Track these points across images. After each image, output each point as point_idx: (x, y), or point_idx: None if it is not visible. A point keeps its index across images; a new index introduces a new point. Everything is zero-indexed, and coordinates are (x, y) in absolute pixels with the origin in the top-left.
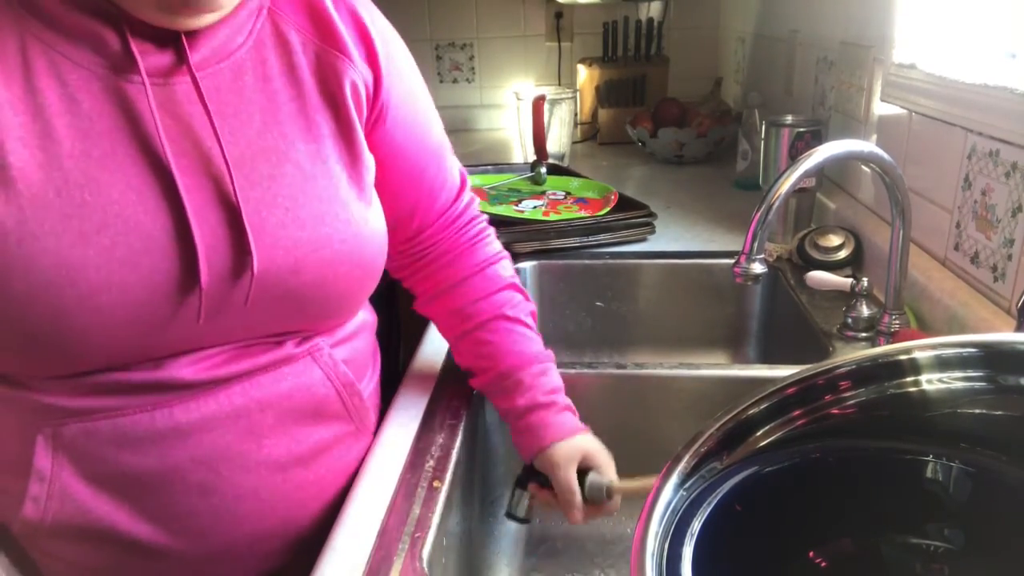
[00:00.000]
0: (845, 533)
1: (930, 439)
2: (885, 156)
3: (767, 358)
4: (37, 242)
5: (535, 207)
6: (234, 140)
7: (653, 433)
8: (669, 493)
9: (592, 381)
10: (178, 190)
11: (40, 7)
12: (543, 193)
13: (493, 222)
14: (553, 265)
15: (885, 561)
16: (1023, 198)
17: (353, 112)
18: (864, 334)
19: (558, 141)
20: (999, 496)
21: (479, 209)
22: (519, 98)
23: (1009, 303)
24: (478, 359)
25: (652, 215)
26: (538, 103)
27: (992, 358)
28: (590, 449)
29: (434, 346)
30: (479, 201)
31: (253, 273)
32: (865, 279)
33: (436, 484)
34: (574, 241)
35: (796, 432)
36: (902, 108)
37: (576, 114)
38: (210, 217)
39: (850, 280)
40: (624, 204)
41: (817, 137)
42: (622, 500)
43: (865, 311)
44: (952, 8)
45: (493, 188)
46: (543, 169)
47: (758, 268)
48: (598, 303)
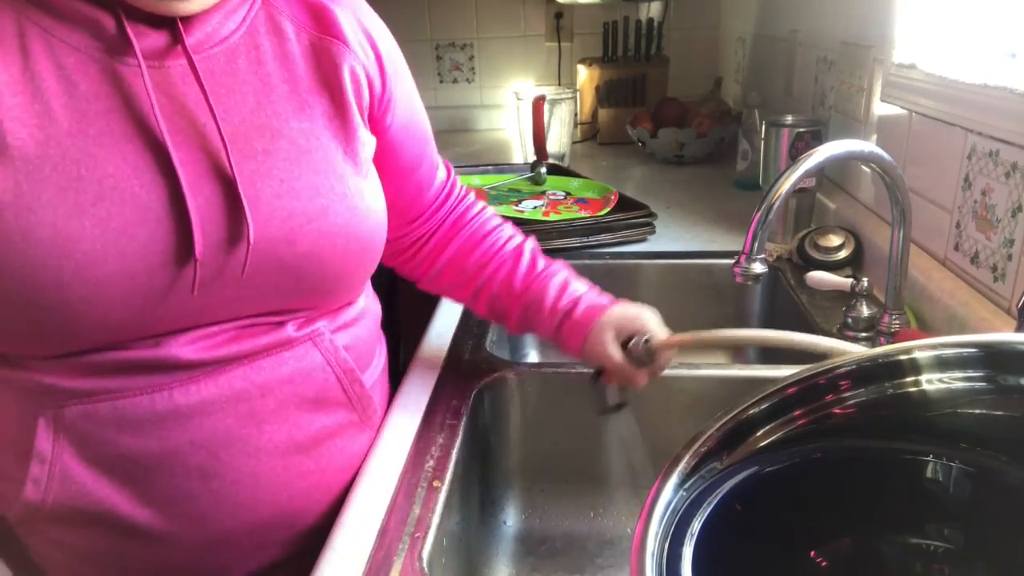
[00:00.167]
0: (845, 533)
1: (930, 439)
2: (885, 156)
3: (767, 358)
4: (34, 214)
5: (535, 207)
6: (228, 118)
7: (653, 433)
8: (669, 493)
9: None
10: (173, 164)
11: None
12: (543, 193)
13: None
14: None
15: (885, 561)
16: (1023, 198)
17: (350, 95)
18: (864, 334)
19: (558, 141)
20: (999, 496)
21: (464, 189)
22: (519, 98)
23: (1009, 303)
24: (497, 311)
25: (652, 215)
26: (538, 103)
27: (992, 358)
28: (620, 319)
29: (434, 345)
30: (462, 183)
31: (249, 242)
32: (865, 279)
33: (436, 484)
34: (574, 241)
35: (796, 432)
36: (902, 108)
37: (576, 114)
38: (205, 189)
39: (850, 280)
40: (624, 204)
41: (817, 137)
42: (627, 491)
43: (865, 311)
44: (952, 8)
45: (493, 188)
46: (543, 169)
47: (758, 268)
48: None
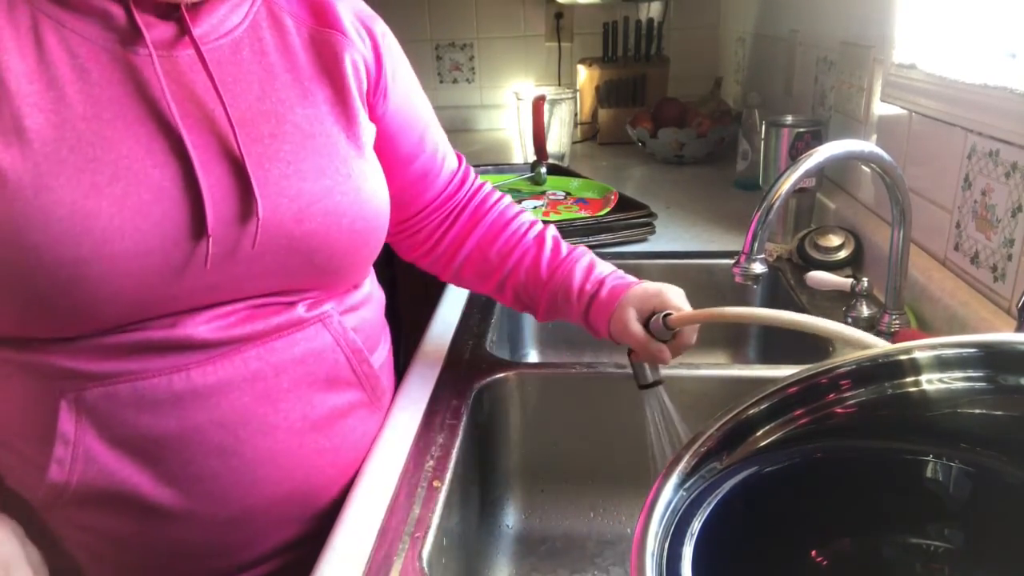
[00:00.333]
0: (845, 533)
1: (930, 439)
2: (885, 156)
3: (767, 358)
4: (53, 193)
5: (535, 207)
6: (235, 104)
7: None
8: (669, 493)
9: (592, 381)
10: (185, 145)
11: None
12: (543, 193)
13: None
14: None
15: (885, 561)
16: (1023, 198)
17: (351, 83)
18: None
19: (558, 141)
20: (999, 496)
21: (479, 178)
22: (519, 98)
23: (1009, 303)
24: (524, 300)
25: (652, 215)
26: (538, 103)
27: (992, 358)
28: (641, 297)
29: (434, 345)
30: (476, 173)
31: (258, 217)
32: (865, 279)
33: (436, 484)
34: (574, 241)
35: (796, 432)
36: (902, 108)
37: (576, 114)
38: (216, 169)
39: (850, 280)
40: (624, 204)
41: (817, 137)
42: (626, 491)
43: (865, 311)
44: (952, 8)
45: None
46: (543, 169)
47: (758, 268)
48: None
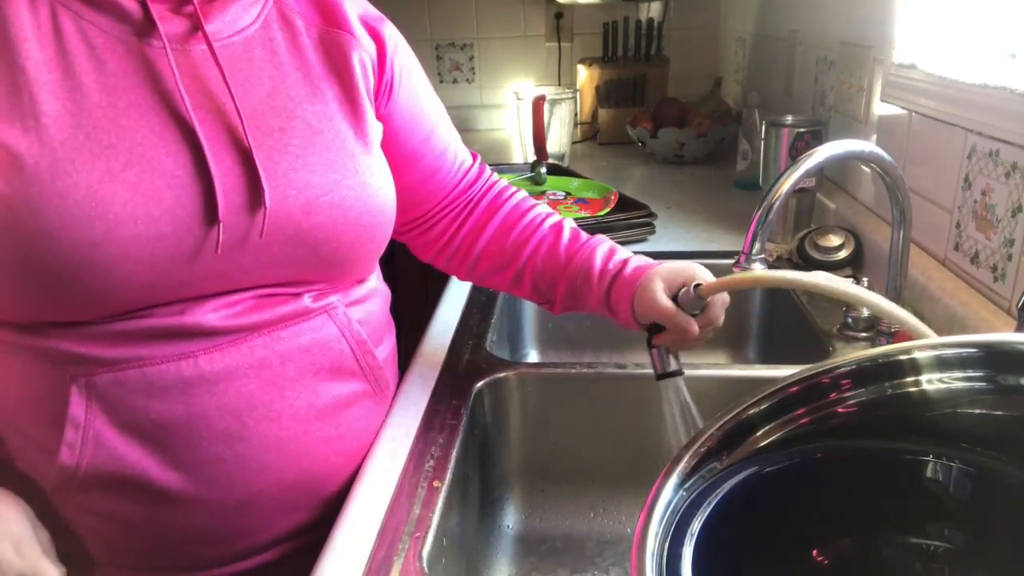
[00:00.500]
0: (845, 533)
1: (930, 439)
2: (885, 156)
3: (767, 358)
4: (70, 177)
5: None
6: (246, 98)
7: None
8: (669, 493)
9: (592, 381)
10: (197, 135)
11: None
12: (543, 193)
13: None
14: None
15: (885, 561)
16: (1023, 198)
17: (359, 82)
18: (864, 334)
19: (558, 141)
20: (999, 496)
21: (494, 175)
22: (519, 98)
23: (1009, 303)
24: (542, 288)
25: (652, 215)
26: (538, 103)
27: (992, 358)
28: (669, 271)
29: (434, 345)
30: (491, 171)
31: (266, 206)
32: (865, 279)
33: (436, 484)
34: None
35: (796, 432)
36: (902, 108)
37: (576, 114)
38: (226, 159)
39: (850, 280)
40: (624, 204)
41: (817, 137)
42: (626, 491)
43: (865, 311)
44: (952, 8)
45: None
46: (543, 169)
47: (758, 268)
48: None
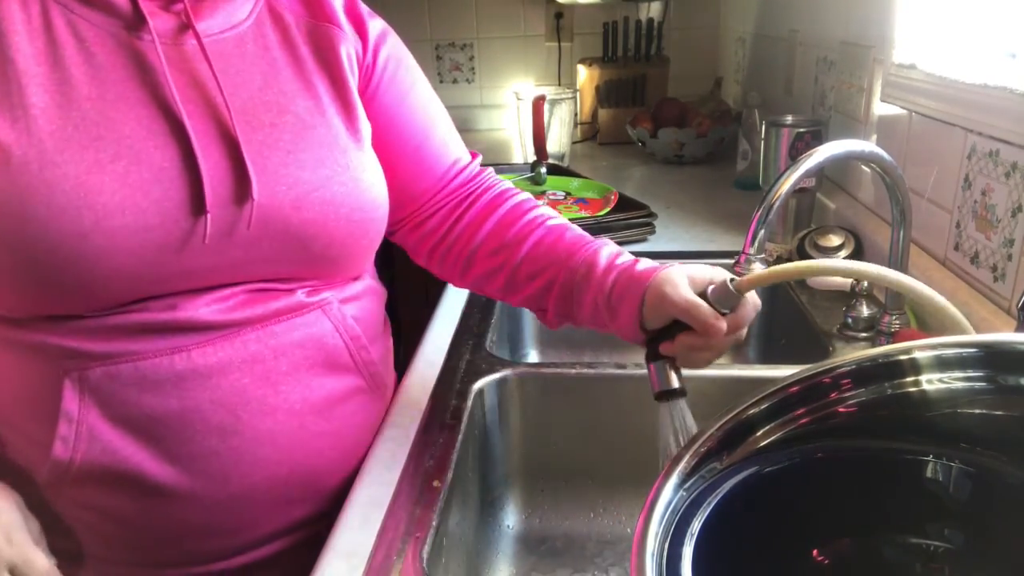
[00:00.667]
0: (845, 533)
1: (930, 439)
2: (885, 156)
3: (767, 358)
4: (58, 168)
5: None
6: (237, 93)
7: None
8: (669, 493)
9: (592, 381)
10: (185, 128)
11: None
12: (543, 193)
13: None
14: None
15: (885, 561)
16: (1023, 198)
17: (348, 76)
18: (864, 334)
19: (558, 141)
20: (999, 496)
21: (493, 173)
22: (519, 98)
23: (1009, 303)
24: (535, 289)
25: (652, 215)
26: (538, 103)
27: (992, 358)
28: (692, 270)
29: (434, 345)
30: (492, 171)
31: (253, 198)
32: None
33: (436, 484)
34: None
35: (796, 432)
36: (902, 108)
37: (576, 114)
38: (215, 153)
39: (850, 280)
40: (624, 204)
41: (817, 137)
42: (627, 491)
43: (865, 311)
44: (952, 8)
45: None
46: (543, 169)
47: (758, 268)
48: None
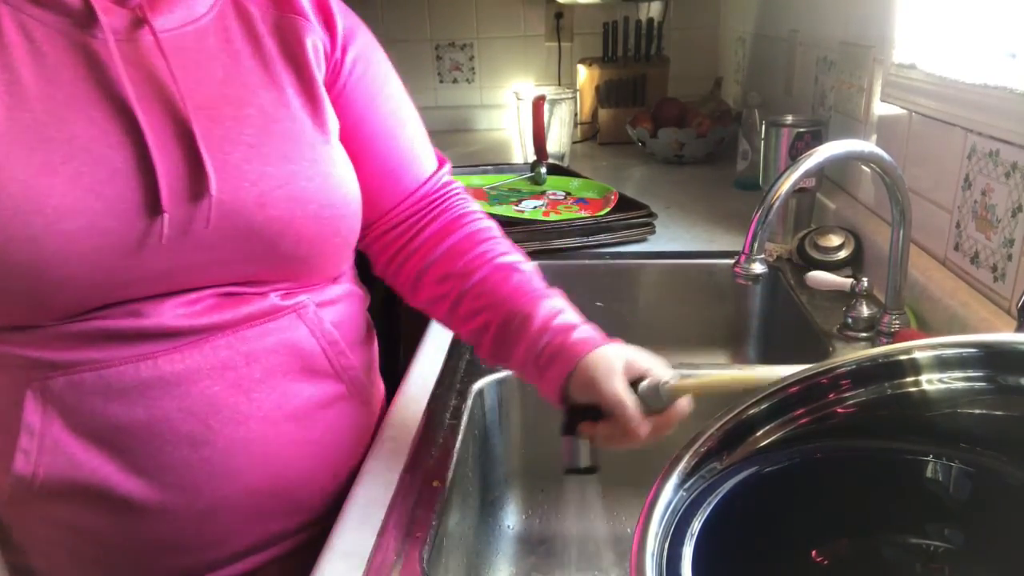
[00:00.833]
0: (845, 533)
1: (930, 439)
2: (885, 156)
3: (767, 358)
4: (5, 171)
5: (535, 207)
6: (197, 88)
7: None
8: (669, 493)
9: None
10: (140, 126)
11: None
12: (543, 193)
13: None
14: (553, 265)
15: (885, 561)
16: (1023, 198)
17: (315, 69)
18: (864, 334)
19: (558, 141)
20: (999, 496)
21: (461, 189)
22: (519, 98)
23: (1009, 303)
24: (475, 325)
25: (652, 215)
26: (538, 103)
27: (992, 358)
28: (631, 356)
29: (434, 346)
30: (459, 183)
31: (211, 194)
32: (865, 279)
33: (436, 484)
34: (574, 241)
35: (796, 432)
36: (902, 108)
37: (576, 114)
38: (172, 150)
39: (850, 280)
40: (624, 204)
41: (817, 137)
42: (627, 491)
43: (865, 311)
44: (952, 8)
45: (493, 188)
46: (543, 169)
47: (758, 268)
48: (598, 303)
